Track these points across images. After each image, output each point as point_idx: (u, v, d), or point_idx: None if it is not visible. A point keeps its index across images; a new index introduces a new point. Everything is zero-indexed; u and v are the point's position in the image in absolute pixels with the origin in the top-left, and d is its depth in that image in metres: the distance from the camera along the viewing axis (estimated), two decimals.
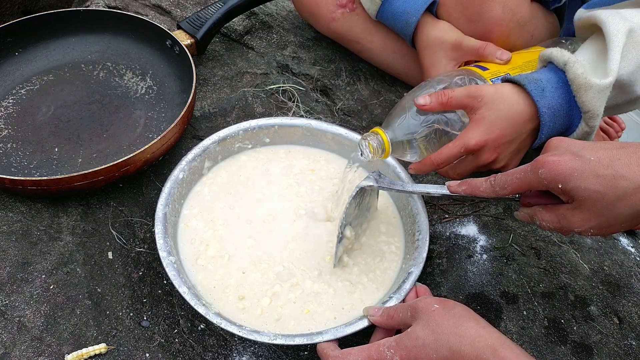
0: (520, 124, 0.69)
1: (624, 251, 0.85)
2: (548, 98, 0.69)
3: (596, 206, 0.50)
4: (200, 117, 0.93)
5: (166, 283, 0.73)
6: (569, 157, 0.51)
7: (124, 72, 0.95)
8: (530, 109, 0.69)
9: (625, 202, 0.49)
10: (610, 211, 0.50)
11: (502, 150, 0.69)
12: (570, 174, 0.50)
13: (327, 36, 1.09)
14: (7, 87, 0.91)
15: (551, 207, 0.54)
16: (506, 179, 0.56)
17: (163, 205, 0.71)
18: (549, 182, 0.52)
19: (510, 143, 0.70)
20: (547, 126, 0.70)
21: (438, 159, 0.69)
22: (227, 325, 0.61)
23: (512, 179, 0.55)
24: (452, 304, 0.58)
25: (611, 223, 0.51)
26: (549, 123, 0.70)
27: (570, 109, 0.70)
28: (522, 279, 0.76)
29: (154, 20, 1.04)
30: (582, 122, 0.70)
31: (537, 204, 0.57)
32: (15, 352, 0.64)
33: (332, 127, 0.83)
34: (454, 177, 0.72)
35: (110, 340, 0.66)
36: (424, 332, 0.55)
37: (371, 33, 1.01)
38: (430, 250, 0.72)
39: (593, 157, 0.50)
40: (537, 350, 0.70)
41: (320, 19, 1.05)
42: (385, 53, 1.02)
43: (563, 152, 0.52)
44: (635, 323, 0.74)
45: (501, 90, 0.69)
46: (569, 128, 0.72)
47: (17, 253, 0.72)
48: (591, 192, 0.49)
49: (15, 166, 0.80)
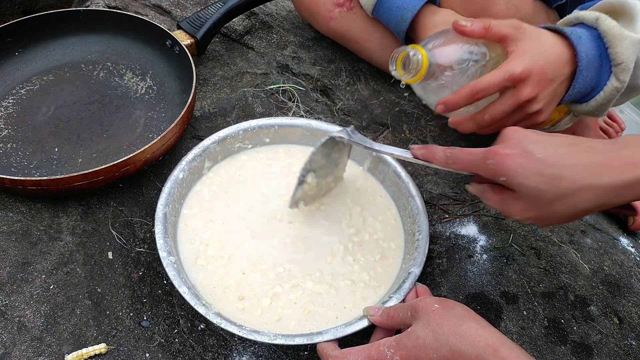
0: (558, 65, 0.67)
1: (624, 251, 0.85)
2: (585, 45, 0.68)
3: (536, 202, 0.51)
4: (200, 117, 0.93)
5: (166, 283, 0.73)
6: (517, 152, 0.52)
7: (124, 72, 0.95)
8: (568, 52, 0.68)
9: (564, 201, 0.50)
10: (549, 208, 0.51)
11: (543, 88, 0.67)
12: (515, 170, 0.51)
13: (326, 36, 1.09)
14: (7, 87, 0.91)
15: (498, 189, 0.55)
16: (460, 155, 0.57)
17: (163, 205, 0.71)
18: (495, 174, 0.53)
19: (550, 82, 0.67)
20: (582, 75, 0.68)
21: (477, 86, 0.66)
22: (227, 325, 0.61)
23: (465, 156, 0.56)
24: (452, 303, 0.58)
25: (549, 217, 0.53)
26: (584, 71, 0.68)
27: (600, 64, 0.70)
28: (522, 279, 0.76)
29: (154, 20, 1.04)
30: (613, 77, 0.69)
31: (488, 182, 0.57)
32: (15, 352, 0.64)
33: (332, 127, 0.83)
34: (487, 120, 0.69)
35: (110, 340, 0.66)
36: (424, 331, 0.55)
37: (369, 32, 1.01)
38: (430, 250, 0.72)
39: (541, 155, 0.51)
40: (537, 350, 0.70)
41: (319, 19, 1.05)
42: (384, 52, 1.02)
43: (514, 146, 0.53)
44: (635, 323, 0.74)
45: (540, 30, 0.68)
46: (596, 87, 0.71)
47: (17, 253, 0.72)
48: (532, 189, 0.51)
49: (15, 166, 0.80)
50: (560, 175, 0.50)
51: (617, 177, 0.49)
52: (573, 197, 0.50)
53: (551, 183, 0.50)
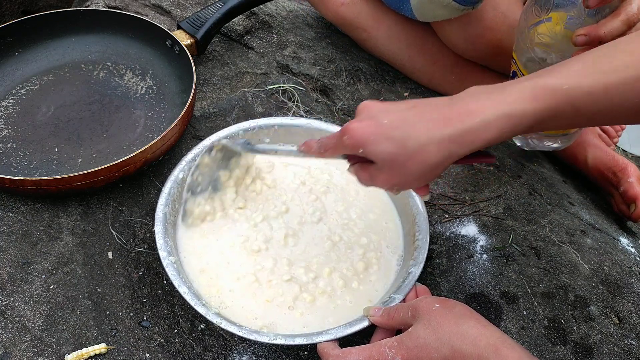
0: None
1: (624, 251, 0.85)
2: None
3: (392, 166, 0.53)
4: (200, 117, 0.93)
5: (166, 283, 0.73)
6: (366, 122, 0.54)
7: (124, 72, 0.95)
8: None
9: (415, 160, 0.52)
10: (405, 169, 0.53)
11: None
12: (367, 139, 0.53)
13: (333, 23, 1.09)
14: (7, 87, 0.91)
15: (366, 165, 0.57)
16: (327, 142, 0.59)
17: (163, 205, 0.71)
18: (353, 148, 0.55)
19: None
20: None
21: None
22: (227, 325, 0.61)
23: (330, 142, 0.58)
24: (453, 303, 0.58)
25: (409, 180, 0.54)
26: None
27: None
28: (522, 279, 0.76)
29: (154, 20, 1.04)
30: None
31: (358, 161, 0.58)
32: (15, 352, 0.64)
33: (332, 127, 0.83)
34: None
35: (110, 340, 0.66)
36: (425, 331, 0.55)
37: (378, 20, 1.01)
38: (430, 250, 0.72)
39: (386, 121, 0.53)
40: (537, 350, 0.70)
41: (329, 4, 1.04)
42: (391, 42, 1.02)
43: (364, 118, 0.55)
44: (635, 323, 0.74)
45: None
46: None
47: (17, 253, 0.72)
48: (385, 154, 0.53)
49: (15, 166, 0.80)
50: (407, 135, 0.51)
51: (456, 126, 0.51)
52: (421, 154, 0.51)
53: (400, 144, 0.51)
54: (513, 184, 0.90)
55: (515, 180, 0.91)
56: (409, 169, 0.52)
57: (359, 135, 0.53)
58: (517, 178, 0.91)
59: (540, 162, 0.99)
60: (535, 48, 0.73)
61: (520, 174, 0.93)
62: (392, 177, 0.54)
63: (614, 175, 0.94)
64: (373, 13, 1.01)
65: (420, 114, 0.53)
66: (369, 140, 0.53)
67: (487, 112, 0.50)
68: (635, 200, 0.89)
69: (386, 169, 0.54)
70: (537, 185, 0.91)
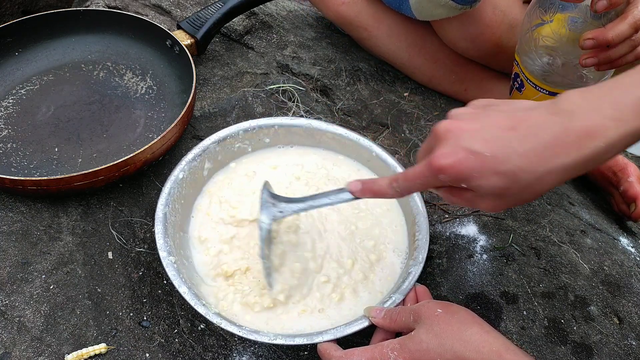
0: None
1: (624, 251, 0.85)
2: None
3: (502, 196, 0.50)
4: (200, 117, 0.93)
5: (166, 283, 0.73)
6: (463, 155, 0.49)
7: (124, 72, 0.95)
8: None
9: (530, 190, 0.48)
10: (516, 198, 0.49)
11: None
12: (470, 175, 0.49)
13: (334, 22, 1.09)
14: (7, 87, 0.91)
15: (458, 192, 0.52)
16: (408, 185, 0.55)
17: (163, 205, 0.71)
18: (453, 183, 0.51)
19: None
20: None
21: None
22: (227, 325, 0.61)
23: (414, 184, 0.54)
24: (456, 308, 0.58)
25: (518, 203, 0.51)
26: None
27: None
28: (522, 279, 0.76)
29: (154, 20, 1.04)
30: None
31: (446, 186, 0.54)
32: (15, 352, 0.64)
33: (332, 127, 0.83)
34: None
35: (110, 340, 0.66)
36: (428, 336, 0.55)
37: (379, 19, 1.01)
38: (430, 250, 0.72)
39: (488, 153, 0.48)
40: (537, 350, 0.70)
41: (330, 3, 1.04)
42: (391, 41, 1.02)
43: (455, 150, 0.49)
44: (635, 323, 0.74)
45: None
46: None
47: (17, 253, 0.72)
48: (494, 188, 0.49)
49: (15, 166, 0.80)
50: (517, 168, 0.47)
51: (577, 154, 0.46)
52: (538, 184, 0.48)
53: (512, 179, 0.48)
54: None
55: None
56: (522, 197, 0.49)
57: (459, 171, 0.49)
58: None
59: None
60: (539, 50, 0.73)
61: None
62: (500, 204, 0.51)
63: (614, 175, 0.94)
64: (373, 12, 1.01)
65: (526, 139, 0.47)
66: (472, 175, 0.49)
67: (610, 133, 0.45)
68: (636, 199, 0.89)
69: (492, 197, 0.50)
70: None
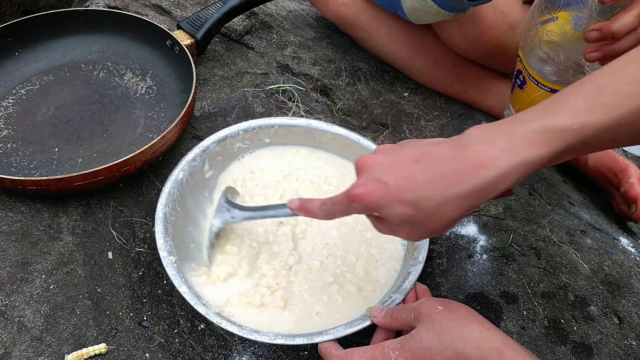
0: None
1: (624, 251, 0.85)
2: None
3: (412, 224, 0.51)
4: (200, 117, 0.93)
5: (166, 283, 0.73)
6: (373, 185, 0.52)
7: (124, 72, 0.95)
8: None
9: (434, 218, 0.50)
10: (425, 226, 0.51)
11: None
12: (379, 204, 0.51)
13: (334, 22, 1.09)
14: (7, 87, 0.91)
15: (382, 220, 0.55)
16: (333, 208, 0.57)
17: (163, 205, 0.71)
18: (366, 212, 0.54)
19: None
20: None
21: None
22: (227, 325, 0.61)
23: (337, 208, 0.57)
24: (456, 305, 0.58)
25: (430, 233, 0.53)
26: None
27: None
28: (522, 279, 0.76)
29: (154, 20, 1.04)
30: None
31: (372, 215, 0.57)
32: (15, 352, 0.64)
33: (332, 127, 0.83)
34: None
35: (110, 340, 0.66)
36: (429, 334, 0.55)
37: (379, 20, 1.01)
38: (430, 250, 0.72)
39: (393, 182, 0.51)
40: (537, 350, 0.70)
41: (330, 3, 1.04)
42: (391, 41, 1.02)
43: (367, 180, 0.52)
44: (635, 323, 0.74)
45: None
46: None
47: (17, 253, 0.72)
48: (401, 216, 0.51)
49: (15, 166, 0.80)
50: (420, 197, 0.49)
51: (471, 182, 0.48)
52: (439, 212, 0.50)
53: (415, 207, 0.50)
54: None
55: None
56: (428, 226, 0.51)
57: (369, 202, 0.52)
58: None
59: None
60: (544, 46, 0.73)
61: None
62: (413, 232, 0.53)
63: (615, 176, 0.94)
64: (373, 12, 1.01)
65: (427, 170, 0.50)
66: (381, 205, 0.51)
67: (501, 163, 0.48)
68: (636, 201, 0.89)
69: (405, 226, 0.52)
70: (537, 185, 0.91)
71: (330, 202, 0.58)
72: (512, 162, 0.47)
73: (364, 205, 0.53)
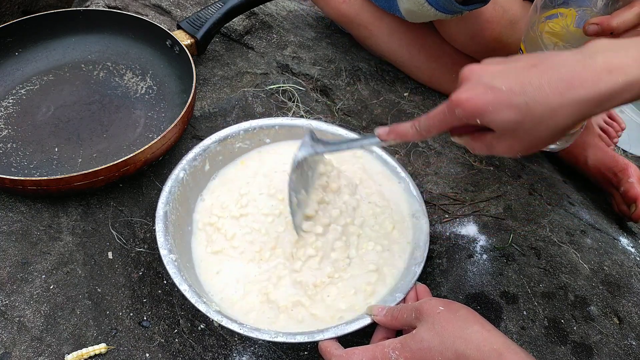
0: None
1: (624, 251, 0.85)
2: None
3: (516, 133, 0.50)
4: (200, 117, 0.93)
5: (166, 283, 0.73)
6: (481, 90, 0.49)
7: (124, 72, 0.95)
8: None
9: (544, 125, 0.48)
10: (530, 135, 0.50)
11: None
12: (485, 109, 0.49)
13: (335, 21, 1.09)
14: (7, 87, 0.91)
15: (478, 135, 0.53)
16: (429, 123, 0.55)
17: (164, 204, 0.71)
18: (468, 119, 0.51)
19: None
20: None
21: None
22: (227, 323, 0.61)
23: (433, 122, 0.55)
24: (457, 306, 0.58)
25: (534, 144, 0.51)
26: None
27: None
28: (522, 279, 0.76)
29: (154, 20, 1.04)
30: None
31: (466, 133, 0.55)
32: (15, 352, 0.64)
33: (332, 127, 0.83)
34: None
35: (110, 340, 0.66)
36: (429, 334, 0.55)
37: (379, 18, 1.01)
38: (430, 250, 0.72)
39: (505, 87, 0.49)
40: (537, 350, 0.70)
41: (331, 1, 1.04)
42: (391, 39, 1.02)
43: (475, 86, 0.50)
44: (635, 323, 0.74)
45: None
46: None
47: (17, 253, 0.72)
48: (508, 122, 0.49)
49: (15, 166, 0.80)
50: (533, 100, 0.47)
51: (593, 87, 0.46)
52: (552, 119, 0.48)
53: (526, 111, 0.48)
54: (513, 184, 0.90)
55: (515, 180, 0.91)
56: (536, 134, 0.49)
57: (474, 106, 0.49)
58: (517, 178, 0.91)
59: (540, 162, 0.99)
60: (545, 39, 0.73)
61: (520, 174, 0.93)
62: (515, 144, 0.51)
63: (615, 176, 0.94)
64: (374, 10, 1.01)
65: (544, 74, 0.48)
66: (487, 109, 0.49)
67: (630, 70, 0.46)
68: (636, 200, 0.89)
69: (508, 136, 0.50)
70: (537, 185, 0.91)
71: (424, 118, 0.55)
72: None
73: (468, 112, 0.50)
